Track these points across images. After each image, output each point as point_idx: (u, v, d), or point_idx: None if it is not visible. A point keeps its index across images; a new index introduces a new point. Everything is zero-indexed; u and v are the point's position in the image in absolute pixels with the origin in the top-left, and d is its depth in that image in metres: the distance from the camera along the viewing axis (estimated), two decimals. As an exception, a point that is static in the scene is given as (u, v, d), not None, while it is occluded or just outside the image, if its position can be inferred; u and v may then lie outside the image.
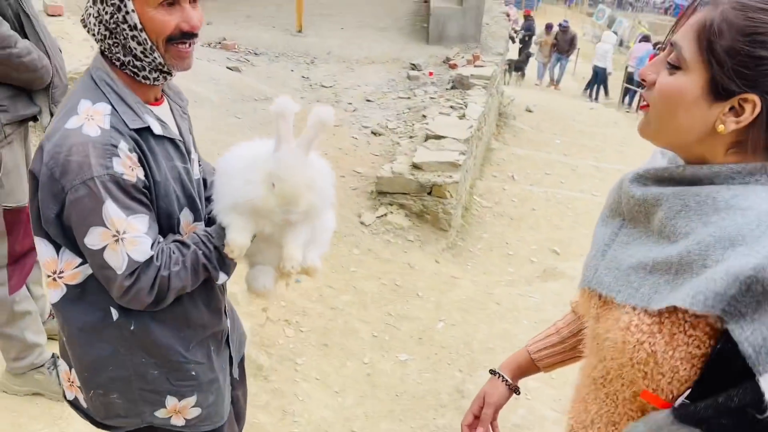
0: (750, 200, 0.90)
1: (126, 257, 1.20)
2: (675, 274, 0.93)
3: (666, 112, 0.95)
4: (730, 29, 0.88)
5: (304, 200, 1.24)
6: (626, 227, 1.08)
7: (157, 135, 1.27)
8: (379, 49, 7.98)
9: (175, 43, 1.22)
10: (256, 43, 7.67)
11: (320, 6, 9.34)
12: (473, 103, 6.01)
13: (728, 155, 0.95)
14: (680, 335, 0.91)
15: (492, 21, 9.38)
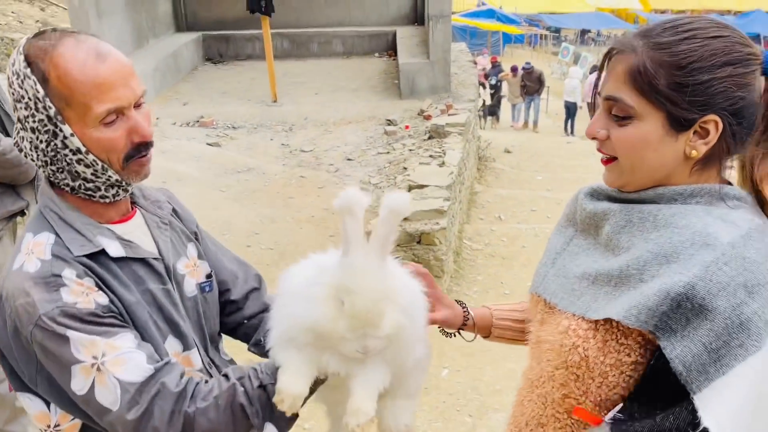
0: (687, 219, 0.95)
1: (116, 383, 1.01)
2: (614, 286, 0.98)
3: (637, 159, 1.00)
4: (664, 68, 0.94)
5: (386, 319, 0.97)
6: (577, 238, 1.14)
7: (116, 257, 1.12)
8: (354, 109, 8.17)
9: (133, 158, 1.11)
10: (233, 118, 7.83)
11: (293, 75, 9.60)
12: (451, 150, 6.14)
13: (692, 174, 1.00)
14: (612, 342, 0.97)
15: (460, 70, 9.66)
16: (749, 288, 0.88)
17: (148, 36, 9.49)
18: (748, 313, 0.87)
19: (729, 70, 0.94)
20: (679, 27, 0.97)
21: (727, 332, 0.87)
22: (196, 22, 10.79)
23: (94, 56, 1.04)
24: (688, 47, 0.94)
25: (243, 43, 10.58)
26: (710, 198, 0.99)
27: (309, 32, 10.77)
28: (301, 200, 5.48)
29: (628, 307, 0.93)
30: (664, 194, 1.00)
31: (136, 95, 1.09)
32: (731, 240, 0.91)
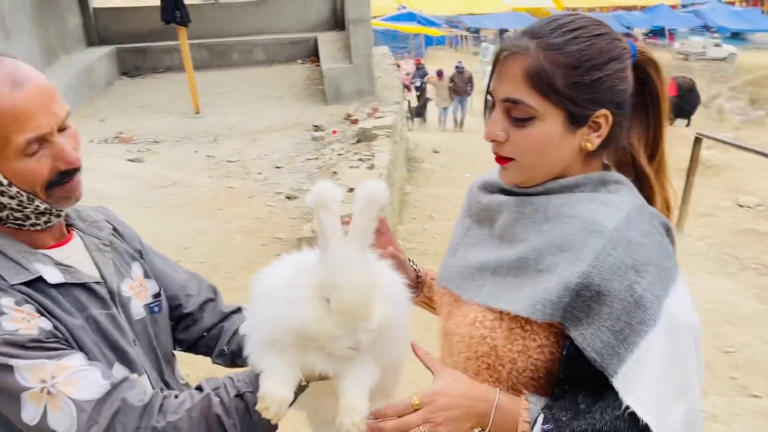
0: (575, 209, 1.02)
1: (70, 404, 0.96)
2: (514, 276, 1.04)
3: (539, 158, 1.04)
4: (558, 69, 0.98)
5: (376, 311, 0.93)
6: (473, 228, 1.19)
7: (55, 284, 1.06)
8: (280, 116, 8.11)
9: (57, 185, 1.06)
10: (155, 132, 7.61)
11: (215, 86, 9.42)
12: (380, 153, 6.19)
13: (585, 164, 1.07)
14: (517, 330, 1.02)
15: (384, 73, 9.75)
16: (637, 268, 0.94)
17: (59, 52, 9.09)
18: (640, 291, 0.93)
19: (614, 66, 1.01)
20: (564, 27, 1.01)
21: (626, 312, 0.93)
22: (110, 36, 10.43)
23: (10, 84, 0.98)
24: (578, 47, 0.99)
25: (160, 55, 10.31)
26: (593, 186, 1.05)
27: (229, 41, 10.61)
28: (230, 211, 5.38)
29: (533, 302, 0.99)
30: (552, 186, 1.06)
31: (59, 119, 1.04)
32: (616, 225, 0.97)
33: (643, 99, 1.10)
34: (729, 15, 34.89)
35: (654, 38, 34.30)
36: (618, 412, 0.93)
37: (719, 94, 23.33)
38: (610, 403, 0.94)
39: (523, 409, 1.00)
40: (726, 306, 4.23)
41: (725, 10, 35.94)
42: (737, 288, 4.56)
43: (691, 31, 34.24)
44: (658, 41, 33.69)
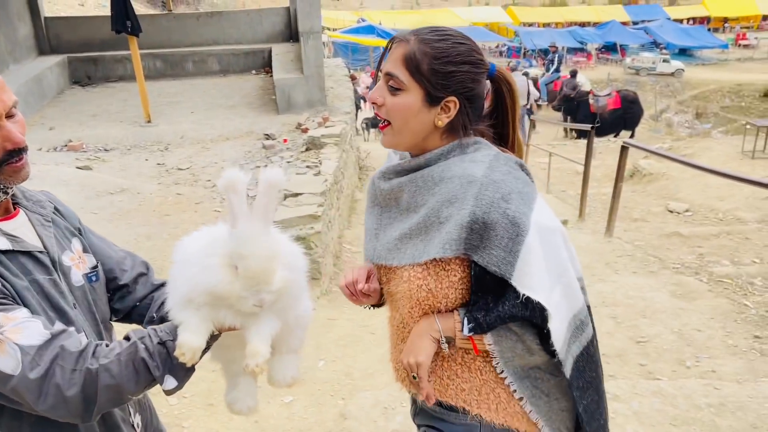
0: (452, 170, 1.34)
1: (16, 348, 1.08)
2: (425, 234, 1.35)
3: (403, 123, 1.37)
4: (425, 57, 1.32)
5: (276, 276, 1.11)
6: (385, 213, 1.48)
7: (3, 250, 1.20)
8: (232, 125, 8.25)
9: (8, 163, 1.20)
10: (105, 140, 7.67)
11: (167, 95, 9.50)
12: (327, 160, 6.40)
13: (443, 140, 1.40)
14: (442, 272, 1.33)
15: (336, 84, 9.98)
16: (505, 197, 1.26)
17: (8, 61, 9.06)
18: (512, 213, 1.25)
19: (467, 67, 1.34)
20: (438, 31, 1.36)
21: (507, 232, 1.25)
22: (61, 45, 10.40)
23: None
24: (442, 46, 1.32)
25: (113, 65, 10.33)
26: (459, 150, 1.37)
27: (183, 51, 10.69)
28: (177, 217, 5.50)
29: (442, 245, 1.29)
30: (431, 158, 1.37)
31: (6, 106, 1.19)
32: (483, 173, 1.29)
33: (498, 107, 1.46)
34: (677, 32, 36.25)
35: (606, 53, 35.43)
36: (516, 301, 1.27)
37: (668, 107, 24.25)
38: (509, 297, 1.29)
39: (457, 321, 1.34)
40: (642, 301, 4.55)
41: (674, 27, 37.31)
42: (655, 285, 4.89)
43: (642, 47, 35.49)
44: (610, 56, 34.84)
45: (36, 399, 1.09)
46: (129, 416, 1.42)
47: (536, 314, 1.29)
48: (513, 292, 1.28)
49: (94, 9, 17.06)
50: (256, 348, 1.15)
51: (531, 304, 1.27)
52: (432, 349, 1.36)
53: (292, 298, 1.21)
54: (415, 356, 1.36)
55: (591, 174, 7.43)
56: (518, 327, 1.33)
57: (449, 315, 1.36)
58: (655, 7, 45.13)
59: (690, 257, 5.81)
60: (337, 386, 3.47)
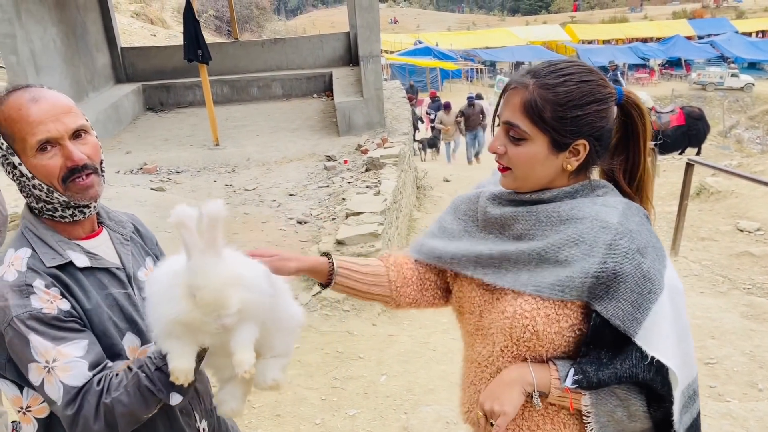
0: (583, 211, 1.27)
1: (61, 385, 1.22)
2: (534, 266, 1.29)
3: (528, 170, 1.30)
4: (548, 104, 1.24)
5: (232, 300, 1.17)
6: (480, 232, 1.42)
7: (82, 267, 1.33)
8: (295, 147, 8.52)
9: (71, 179, 1.31)
10: (176, 163, 8.06)
11: (234, 119, 9.91)
12: (386, 180, 6.54)
13: (570, 179, 1.34)
14: (553, 315, 1.25)
15: (395, 106, 10.17)
16: (641, 250, 1.20)
17: (88, 89, 9.68)
18: (646, 268, 1.19)
19: (594, 107, 1.25)
20: (559, 72, 1.26)
21: (638, 286, 1.18)
22: (136, 74, 11.04)
23: (29, 100, 1.28)
24: (566, 89, 1.24)
25: (183, 91, 10.87)
26: (587, 191, 1.31)
27: (248, 77, 11.15)
28: (245, 235, 5.73)
29: (561, 288, 1.22)
30: (557, 194, 1.31)
31: (69, 128, 1.30)
32: (618, 220, 1.23)
33: (626, 133, 1.36)
34: (745, 46, 35.05)
35: (670, 69, 34.56)
36: (634, 361, 1.19)
37: (737, 123, 23.39)
38: (628, 356, 1.20)
39: (553, 370, 1.26)
40: (710, 321, 4.44)
41: (742, 40, 36.10)
42: (724, 305, 4.76)
43: (708, 61, 34.42)
44: (674, 72, 33.94)
45: (69, 427, 1.25)
46: (195, 422, 1.52)
47: (658, 379, 1.20)
48: (637, 352, 1.19)
49: (166, 39, 17.97)
50: (240, 358, 1.22)
51: (655, 368, 1.19)
52: (520, 401, 1.28)
53: (259, 310, 1.24)
54: (500, 405, 1.27)
55: (655, 192, 7.27)
56: (624, 391, 1.24)
57: (544, 366, 1.27)
58: (721, 20, 43.82)
59: (762, 278, 5.62)
60: (400, 400, 3.54)
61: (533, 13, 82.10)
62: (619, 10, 67.93)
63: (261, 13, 27.29)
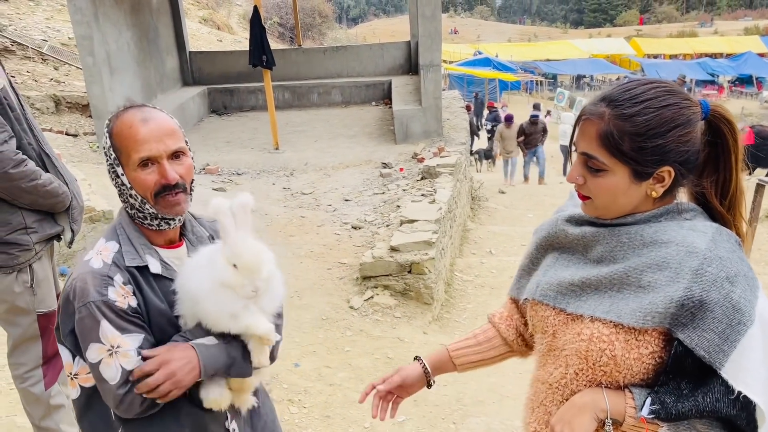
0: (668, 235, 1.22)
1: (120, 368, 1.37)
2: (617, 291, 1.25)
3: (610, 200, 1.26)
4: (627, 135, 1.20)
5: (264, 267, 1.43)
6: (564, 254, 1.40)
7: (155, 274, 1.48)
8: (352, 154, 8.62)
9: (161, 195, 1.46)
10: (237, 165, 8.28)
11: (294, 125, 10.11)
12: (442, 189, 6.54)
13: (655, 204, 1.30)
14: (633, 340, 1.20)
15: (452, 115, 10.17)
16: (731, 279, 1.14)
17: (156, 91, 10.06)
18: (736, 298, 1.12)
19: (677, 132, 1.20)
20: (636, 98, 1.21)
21: (726, 317, 1.12)
22: (202, 77, 11.41)
23: (140, 120, 1.44)
24: (644, 118, 1.19)
25: (246, 96, 11.17)
26: (674, 214, 1.26)
27: (309, 84, 11.36)
28: (300, 238, 5.84)
29: (643, 314, 1.18)
30: (641, 218, 1.27)
31: (169, 149, 1.46)
32: (706, 245, 1.18)
33: (716, 149, 1.28)
34: (822, 63, 33.44)
35: (740, 86, 33.30)
36: (718, 395, 1.13)
37: (811, 144, 22.27)
38: (711, 389, 1.14)
39: (629, 398, 1.21)
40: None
41: (818, 58, 34.48)
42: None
43: (781, 79, 33.01)
44: (744, 89, 32.69)
45: (115, 406, 1.41)
46: (225, 421, 1.59)
47: (743, 416, 1.14)
48: (721, 385, 1.13)
49: (231, 45, 18.49)
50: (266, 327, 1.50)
51: (741, 404, 1.13)
52: (592, 427, 1.23)
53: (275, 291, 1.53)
54: (571, 429, 1.23)
55: (720, 213, 7.01)
56: (705, 426, 1.19)
57: (618, 393, 1.23)
58: (797, 37, 41.89)
59: (834, 307, 5.34)
60: (449, 410, 3.53)
61: (597, 26, 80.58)
62: (688, 25, 65.94)
63: (323, 21, 27.77)
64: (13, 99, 2.36)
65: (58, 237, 2.48)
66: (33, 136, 2.41)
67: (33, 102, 8.92)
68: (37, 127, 2.47)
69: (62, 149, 7.72)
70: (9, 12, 12.44)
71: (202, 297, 1.44)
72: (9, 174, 2.23)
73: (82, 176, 5.14)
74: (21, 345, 2.44)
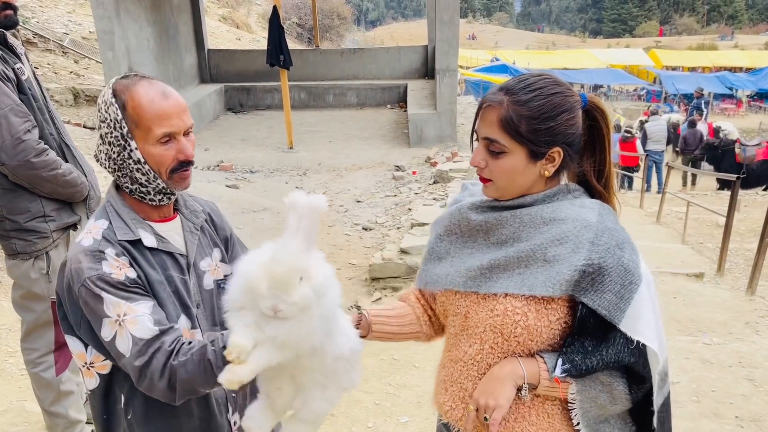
0: (564, 212, 1.36)
1: (130, 336, 1.31)
2: (524, 268, 1.35)
3: (509, 181, 1.37)
4: (522, 119, 1.32)
5: (294, 286, 1.16)
6: (467, 243, 1.47)
7: (149, 247, 1.43)
8: (365, 156, 8.66)
9: (177, 171, 1.43)
10: (251, 163, 8.34)
11: (308, 124, 10.17)
12: (453, 193, 6.55)
13: (547, 184, 1.41)
14: (542, 310, 1.32)
15: (467, 121, 10.17)
16: (620, 245, 1.30)
17: (174, 87, 10.07)
18: (626, 261, 1.29)
19: (564, 116, 1.34)
20: (529, 87, 1.34)
21: (620, 278, 1.28)
22: (219, 75, 11.51)
23: (161, 94, 1.41)
24: (538, 103, 1.33)
25: (262, 94, 11.25)
26: (564, 193, 1.40)
27: (325, 84, 11.42)
28: (311, 237, 5.87)
29: (552, 284, 1.29)
30: (537, 198, 1.39)
31: (186, 126, 1.44)
32: (596, 219, 1.33)
33: (593, 135, 1.44)
34: (844, 81, 33.01)
35: (759, 101, 32.98)
36: (619, 347, 1.28)
37: (829, 162, 22.03)
38: (613, 342, 1.28)
39: (541, 363, 1.33)
40: (786, 366, 4.22)
41: (840, 75, 34.04)
42: (802, 350, 4.51)
43: (802, 95, 32.62)
44: (763, 104, 32.39)
45: (137, 380, 1.34)
46: (227, 413, 1.57)
47: (640, 362, 1.30)
48: (621, 338, 1.28)
49: (249, 44, 18.63)
50: (235, 339, 1.20)
51: (638, 351, 1.29)
52: (513, 394, 1.33)
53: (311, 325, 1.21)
54: (495, 399, 1.32)
55: (734, 228, 6.98)
56: (607, 376, 1.31)
57: (532, 360, 1.34)
58: (819, 53, 41.45)
59: None
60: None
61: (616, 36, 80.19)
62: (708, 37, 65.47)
63: (341, 23, 27.89)
64: (37, 90, 2.42)
65: (75, 226, 2.53)
66: (54, 127, 2.46)
67: (52, 94, 9.05)
68: (59, 119, 2.52)
69: (79, 141, 7.82)
70: (32, 4, 12.62)
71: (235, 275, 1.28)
72: (31, 163, 2.28)
73: (98, 168, 5.21)
74: (34, 331, 2.49)
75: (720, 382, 3.87)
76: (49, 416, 2.55)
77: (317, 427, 1.36)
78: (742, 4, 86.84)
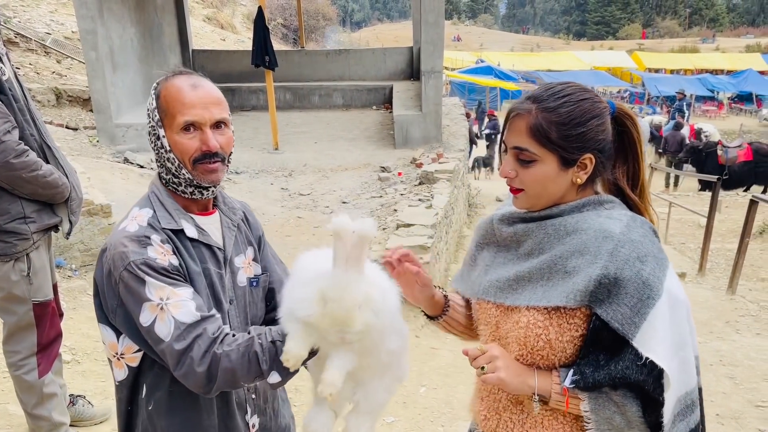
0: (587, 223, 1.35)
1: (172, 320, 1.32)
2: (546, 280, 1.34)
3: (541, 190, 1.37)
4: (552, 125, 1.32)
5: (357, 321, 1.20)
6: (501, 252, 1.49)
7: (191, 238, 1.46)
8: (351, 157, 8.66)
9: (200, 162, 1.44)
10: (236, 164, 8.30)
11: (294, 125, 10.14)
12: (439, 195, 6.57)
13: (578, 193, 1.41)
14: (565, 324, 1.31)
15: (452, 122, 10.22)
16: (641, 258, 1.26)
17: (159, 87, 10.08)
18: (646, 275, 1.24)
19: (594, 122, 1.33)
20: (557, 94, 1.34)
21: (637, 292, 1.23)
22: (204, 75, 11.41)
23: (189, 86, 1.44)
24: (567, 109, 1.32)
25: (248, 95, 11.19)
26: (594, 205, 1.37)
27: (311, 85, 11.39)
28: (297, 238, 5.86)
29: (567, 294, 1.28)
30: (565, 209, 1.37)
31: (213, 117, 1.45)
32: (620, 230, 1.30)
33: (623, 143, 1.43)
34: (823, 82, 33.53)
35: (740, 103, 33.41)
36: (628, 362, 1.23)
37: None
38: (623, 357, 1.24)
39: (554, 375, 1.32)
40: (765, 363, 4.28)
41: (819, 77, 34.59)
42: (781, 349, 4.59)
43: (781, 97, 33.08)
44: (744, 106, 32.80)
45: (174, 365, 1.34)
46: (246, 415, 1.58)
47: (650, 381, 1.24)
48: (632, 354, 1.24)
49: (234, 44, 18.55)
50: (331, 379, 1.25)
51: (648, 369, 1.24)
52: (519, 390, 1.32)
53: (376, 340, 1.27)
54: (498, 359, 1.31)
55: (715, 228, 7.08)
56: (620, 397, 1.27)
57: (547, 373, 1.33)
58: (798, 56, 42.06)
59: (825, 324, 5.38)
60: (437, 413, 3.56)
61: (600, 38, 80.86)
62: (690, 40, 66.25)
63: (327, 24, 27.84)
64: (18, 90, 2.39)
65: (56, 228, 2.51)
66: (35, 128, 2.44)
67: (34, 94, 8.95)
68: (40, 119, 2.50)
69: (62, 142, 7.74)
70: (14, 4, 12.48)
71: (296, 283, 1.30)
72: (11, 164, 2.25)
73: (81, 169, 5.16)
74: (16, 333, 2.47)
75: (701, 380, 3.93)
76: (32, 419, 2.52)
77: (378, 417, 1.42)
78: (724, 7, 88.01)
